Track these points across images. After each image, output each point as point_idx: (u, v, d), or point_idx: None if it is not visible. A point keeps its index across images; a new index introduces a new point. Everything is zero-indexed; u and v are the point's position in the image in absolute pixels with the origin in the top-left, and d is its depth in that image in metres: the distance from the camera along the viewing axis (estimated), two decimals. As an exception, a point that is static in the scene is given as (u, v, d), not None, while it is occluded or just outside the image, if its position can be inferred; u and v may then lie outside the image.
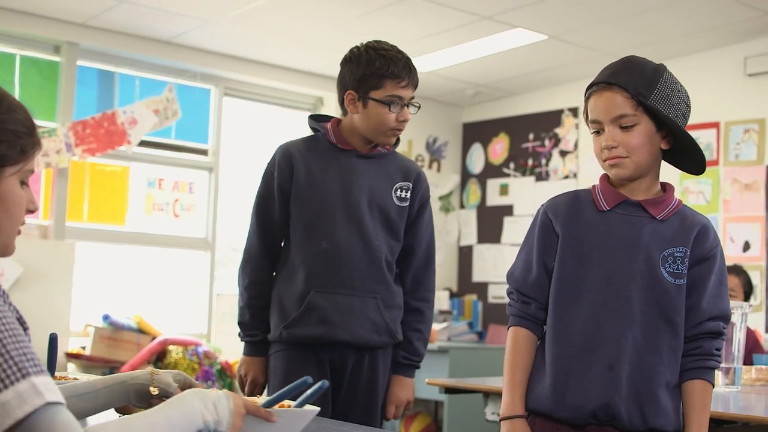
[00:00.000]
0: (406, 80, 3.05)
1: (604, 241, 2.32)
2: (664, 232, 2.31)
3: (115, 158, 6.96)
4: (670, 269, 2.27)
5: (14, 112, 1.56)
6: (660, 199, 2.36)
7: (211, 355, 6.73)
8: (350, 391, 3.06)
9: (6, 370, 1.33)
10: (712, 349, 2.29)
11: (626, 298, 2.27)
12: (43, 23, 6.49)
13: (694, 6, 5.91)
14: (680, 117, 2.33)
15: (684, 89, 2.38)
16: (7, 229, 1.58)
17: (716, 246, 2.34)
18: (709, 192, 6.86)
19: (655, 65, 2.34)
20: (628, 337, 2.25)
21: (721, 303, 2.31)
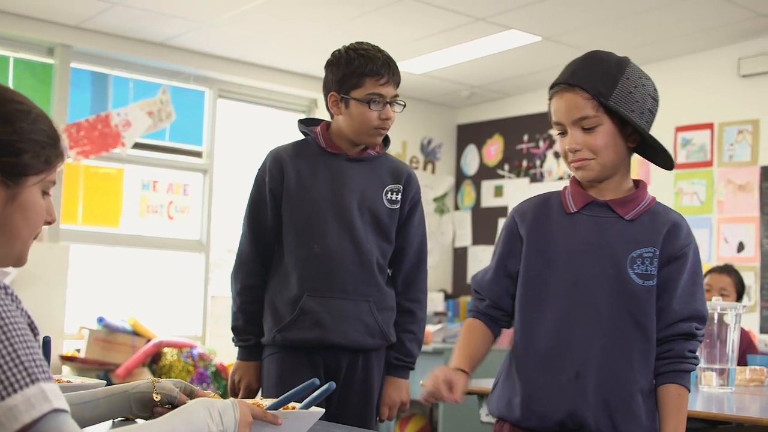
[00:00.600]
0: (385, 77, 3.02)
1: (570, 245, 2.26)
2: (632, 232, 2.24)
3: (109, 160, 6.95)
4: (639, 271, 2.20)
5: (40, 122, 1.59)
6: (629, 198, 2.29)
7: (206, 357, 6.72)
8: (344, 393, 3.06)
9: (15, 375, 1.33)
10: (685, 351, 2.20)
11: (593, 303, 2.20)
12: (36, 25, 6.48)
13: (688, 7, 5.92)
14: (646, 112, 2.25)
15: (650, 82, 2.30)
16: (23, 237, 1.59)
17: (688, 244, 2.25)
18: (704, 193, 6.87)
19: (618, 60, 2.27)
20: (596, 343, 2.18)
21: (694, 303, 2.22)
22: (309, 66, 7.47)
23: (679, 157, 7.02)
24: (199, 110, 7.50)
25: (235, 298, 3.18)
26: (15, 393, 1.32)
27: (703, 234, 6.81)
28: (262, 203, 3.13)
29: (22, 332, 1.38)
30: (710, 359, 3.61)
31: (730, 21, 6.23)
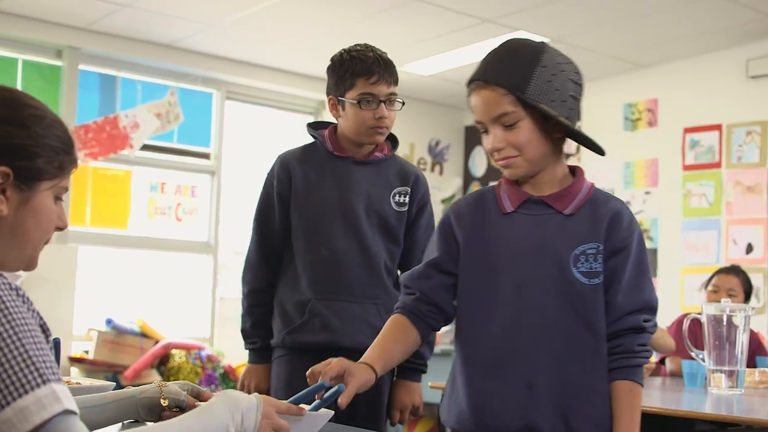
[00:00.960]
0: (376, 76, 2.99)
1: (510, 248, 2.13)
2: (573, 228, 2.11)
3: (118, 162, 6.97)
4: (583, 269, 2.08)
5: (54, 128, 1.61)
6: (566, 192, 2.15)
7: (214, 358, 6.73)
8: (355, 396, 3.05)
9: (27, 375, 1.34)
10: (634, 346, 2.09)
11: (539, 308, 2.08)
12: (45, 27, 6.50)
13: (696, 8, 5.91)
14: (568, 99, 2.09)
15: (570, 66, 2.13)
16: (35, 242, 1.61)
17: (631, 234, 2.13)
18: (712, 194, 6.85)
19: (533, 48, 2.11)
20: (546, 350, 2.07)
21: (640, 295, 2.11)
22: (316, 68, 7.46)
23: (688, 158, 7.01)
24: (207, 112, 7.51)
25: (243, 301, 3.19)
26: (26, 394, 1.33)
27: (711, 236, 6.80)
28: (270, 208, 3.14)
29: (33, 333, 1.38)
30: (719, 361, 3.60)
31: (738, 22, 6.22)
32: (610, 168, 7.52)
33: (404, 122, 8.41)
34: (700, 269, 6.74)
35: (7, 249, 1.58)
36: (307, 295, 3.03)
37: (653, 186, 7.24)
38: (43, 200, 1.59)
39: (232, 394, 1.68)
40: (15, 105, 1.57)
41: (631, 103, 7.44)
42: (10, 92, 1.59)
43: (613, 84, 7.53)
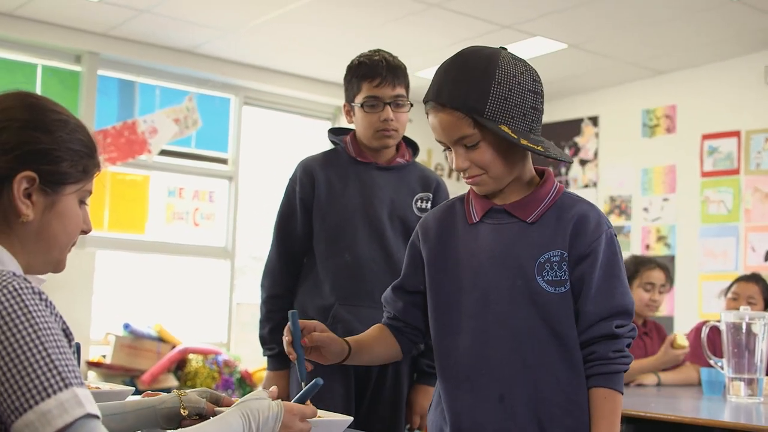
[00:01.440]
0: (379, 79, 2.99)
1: (475, 260, 2.09)
2: (536, 236, 2.05)
3: (136, 167, 6.99)
4: (548, 277, 2.02)
5: (78, 132, 1.63)
6: (529, 198, 2.09)
7: (231, 363, 6.74)
8: (374, 401, 3.05)
9: (50, 379, 1.35)
10: (609, 352, 2.02)
11: (507, 320, 2.03)
12: (64, 33, 6.53)
13: (714, 15, 5.89)
14: (528, 112, 2.01)
15: (526, 75, 2.03)
16: (61, 245, 1.64)
17: (597, 237, 2.04)
18: (731, 201, 6.82)
19: (486, 63, 2.02)
20: (516, 361, 2.03)
21: (611, 300, 2.02)
22: (334, 74, 7.48)
23: (706, 165, 6.98)
24: (225, 117, 7.53)
25: (261, 306, 3.18)
26: (48, 397, 1.34)
27: (730, 242, 6.77)
28: (292, 213, 3.13)
29: (56, 337, 1.39)
30: (738, 369, 3.58)
31: (756, 29, 6.19)
32: (628, 174, 7.50)
33: (422, 128, 8.37)
34: (718, 276, 6.71)
35: (33, 253, 1.60)
36: (330, 300, 3.02)
37: (671, 192, 7.21)
38: (68, 204, 1.61)
39: (250, 404, 1.68)
40: (38, 110, 1.59)
41: (650, 110, 7.42)
42: (33, 98, 1.61)
43: (631, 90, 7.52)
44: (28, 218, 1.55)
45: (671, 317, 7.03)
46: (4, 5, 6.12)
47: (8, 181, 1.53)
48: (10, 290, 1.40)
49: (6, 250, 1.56)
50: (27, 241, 1.58)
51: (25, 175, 1.54)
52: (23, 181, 1.54)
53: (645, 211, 7.38)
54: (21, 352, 1.35)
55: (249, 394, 1.74)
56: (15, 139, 1.54)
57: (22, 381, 1.34)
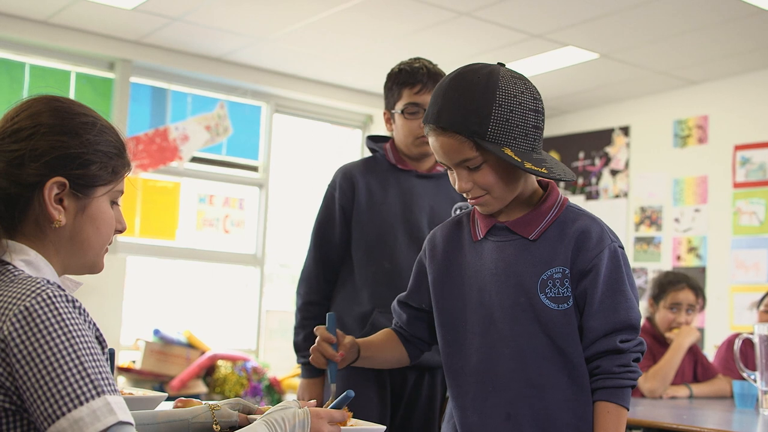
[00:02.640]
0: (419, 86, 3.00)
1: (480, 278, 2.09)
2: (538, 253, 2.05)
3: (167, 174, 7.03)
4: (551, 294, 2.02)
5: (106, 133, 1.64)
6: (531, 215, 2.08)
7: (260, 370, 6.75)
8: (408, 410, 3.04)
9: (82, 387, 1.36)
10: (613, 367, 2.01)
11: (511, 338, 2.04)
12: (97, 40, 6.59)
13: (746, 25, 5.85)
14: (530, 132, 2.00)
15: (526, 94, 2.01)
16: (96, 247, 1.64)
17: (599, 252, 2.03)
18: (763, 212, 6.77)
19: (486, 83, 1.99)
20: (522, 379, 2.03)
21: (614, 315, 2.01)
22: (365, 82, 7.50)
23: (738, 175, 6.93)
24: (256, 125, 7.56)
25: (296, 313, 3.17)
26: (81, 405, 1.34)
27: (761, 254, 6.71)
28: (330, 220, 3.10)
29: (89, 345, 1.40)
30: (770, 382, 3.55)
31: (791, 38, 6.16)
32: (659, 184, 7.46)
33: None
34: (749, 288, 6.65)
35: (69, 256, 1.61)
36: (367, 307, 3.01)
37: (703, 203, 7.16)
38: (100, 206, 1.62)
39: (276, 415, 1.67)
40: (65, 114, 1.59)
41: (681, 120, 7.38)
42: (59, 101, 1.61)
43: (662, 100, 7.48)
44: (60, 223, 1.56)
45: (702, 329, 6.98)
46: (39, 13, 6.18)
47: (39, 187, 1.54)
48: (44, 298, 1.40)
49: (41, 256, 1.56)
50: (61, 245, 1.59)
51: (55, 181, 1.54)
52: (54, 187, 1.55)
53: (676, 221, 7.33)
54: (54, 360, 1.36)
55: (276, 405, 1.74)
56: (43, 144, 1.54)
57: (55, 389, 1.35)
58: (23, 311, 1.39)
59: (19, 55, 6.48)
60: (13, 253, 1.54)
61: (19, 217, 1.56)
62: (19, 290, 1.42)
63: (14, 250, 1.55)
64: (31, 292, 1.41)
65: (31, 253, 1.55)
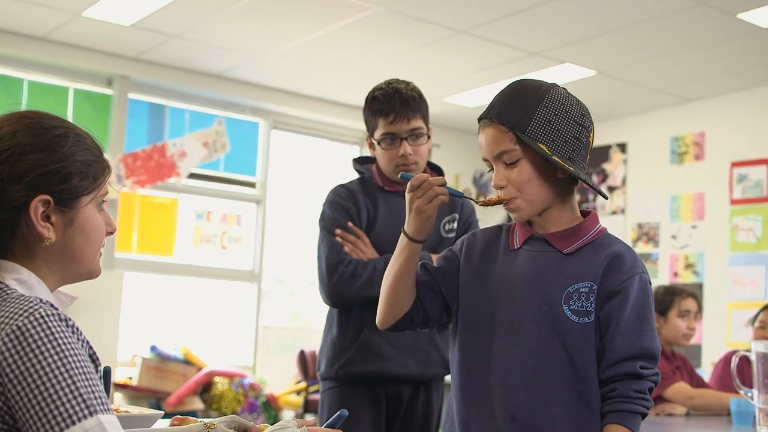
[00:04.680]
0: (392, 115, 2.98)
1: (509, 283, 2.13)
2: (569, 266, 2.09)
3: (165, 190, 7.04)
4: (574, 307, 2.05)
5: (81, 142, 1.61)
6: (570, 231, 2.12)
7: (257, 387, 6.74)
8: (405, 425, 3.04)
9: (74, 407, 1.35)
10: (630, 391, 2.02)
11: (528, 343, 2.07)
12: (96, 57, 6.60)
13: (743, 42, 5.87)
14: (570, 140, 2.07)
15: (575, 108, 2.10)
16: (89, 256, 1.63)
17: (630, 277, 2.05)
18: (760, 229, 6.78)
19: (539, 88, 2.10)
20: (532, 385, 2.06)
21: (639, 341, 2.03)
22: (362, 99, 7.48)
23: (735, 192, 6.94)
24: (254, 141, 7.57)
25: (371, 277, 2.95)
26: (73, 425, 1.34)
27: (758, 271, 6.72)
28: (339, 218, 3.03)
29: (82, 364, 1.40)
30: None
31: (787, 56, 6.18)
32: (656, 201, 7.47)
33: (450, 153, 8.45)
34: (746, 305, 6.65)
35: (63, 269, 1.60)
36: (358, 324, 3.01)
37: (700, 220, 7.17)
38: (88, 215, 1.61)
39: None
40: (38, 131, 1.57)
41: (678, 137, 7.40)
42: (29, 118, 1.59)
43: (659, 117, 7.50)
44: (50, 241, 1.55)
45: (699, 345, 6.98)
46: (37, 29, 6.19)
47: (24, 208, 1.53)
48: (37, 317, 1.40)
49: (34, 275, 1.56)
50: (53, 261, 1.58)
51: (40, 199, 1.53)
52: (39, 206, 1.53)
53: (673, 238, 7.34)
54: (46, 380, 1.36)
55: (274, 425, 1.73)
56: (21, 166, 1.53)
57: (47, 408, 1.35)
58: (15, 331, 1.39)
59: (18, 72, 6.49)
60: (5, 272, 1.54)
61: (7, 240, 1.55)
62: (11, 310, 1.42)
63: (6, 269, 1.54)
64: (24, 311, 1.41)
65: (23, 272, 1.55)
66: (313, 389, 6.74)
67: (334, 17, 5.72)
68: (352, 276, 2.95)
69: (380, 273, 2.89)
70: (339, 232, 2.98)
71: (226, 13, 5.71)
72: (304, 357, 6.90)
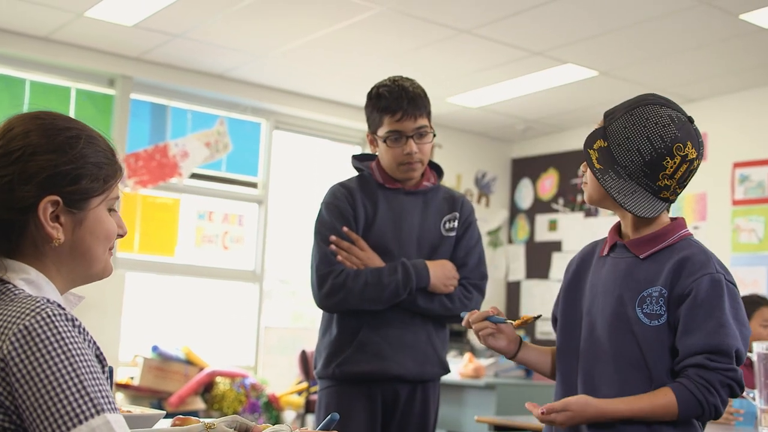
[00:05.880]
0: (400, 113, 2.98)
1: (593, 289, 2.28)
2: (644, 271, 2.20)
3: (166, 190, 7.04)
4: (647, 310, 2.15)
5: (93, 144, 1.61)
6: (649, 237, 2.24)
7: (258, 387, 6.74)
8: (402, 425, 3.04)
9: (81, 406, 1.35)
10: (695, 376, 2.09)
11: (609, 345, 2.19)
12: (98, 57, 6.60)
13: (745, 42, 5.87)
14: (633, 152, 2.19)
15: (661, 128, 2.18)
16: (100, 257, 1.63)
17: (699, 277, 2.14)
18: (762, 230, 6.77)
19: (632, 103, 2.30)
20: (611, 383, 2.19)
21: (707, 338, 2.09)
22: (364, 99, 7.48)
23: (737, 193, 6.94)
24: (256, 141, 7.57)
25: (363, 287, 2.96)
26: (80, 424, 1.34)
27: (760, 272, 6.71)
28: (333, 222, 3.04)
29: (88, 363, 1.40)
30: (770, 400, 3.54)
31: (790, 57, 6.17)
32: (659, 202, 7.46)
33: (451, 153, 8.45)
34: (749, 306, 6.64)
35: (73, 270, 1.60)
36: (356, 323, 3.01)
37: (701, 221, 7.17)
38: (98, 216, 1.61)
39: None
40: (50, 132, 1.57)
41: (680, 137, 7.38)
42: (41, 119, 1.59)
43: (661, 118, 7.48)
44: (60, 241, 1.55)
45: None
46: (40, 29, 6.20)
47: (33, 209, 1.53)
48: (44, 317, 1.40)
49: (42, 275, 1.56)
50: (62, 262, 1.58)
51: (49, 200, 1.53)
52: (48, 206, 1.53)
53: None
54: (54, 379, 1.36)
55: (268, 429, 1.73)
56: (32, 166, 1.53)
57: (55, 408, 1.35)
58: (23, 330, 1.39)
59: (20, 72, 6.49)
60: (13, 272, 1.54)
61: (16, 240, 1.55)
62: (19, 309, 1.42)
63: (14, 269, 1.54)
64: (31, 311, 1.41)
65: (31, 272, 1.55)
66: (314, 389, 6.74)
67: (337, 17, 5.72)
68: (341, 287, 2.96)
69: (371, 285, 2.92)
70: (333, 239, 2.99)
71: (229, 13, 5.72)
72: (305, 357, 6.90)
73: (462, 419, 6.22)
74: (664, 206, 2.24)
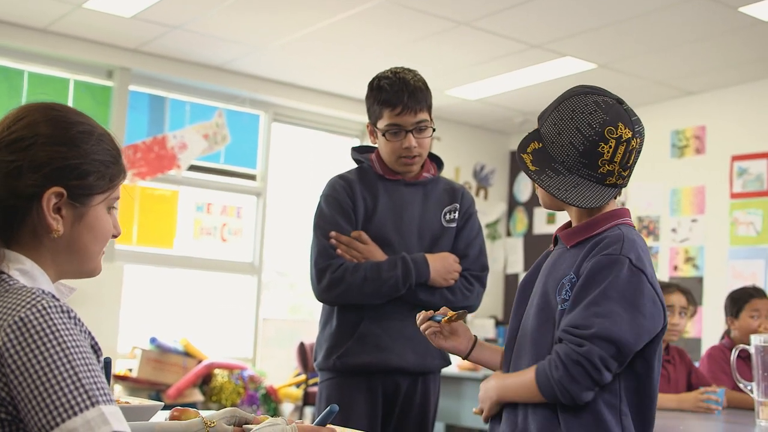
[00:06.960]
0: (400, 107, 2.97)
1: (539, 282, 2.31)
2: (567, 260, 2.21)
3: (165, 182, 7.04)
4: (562, 296, 2.16)
5: (103, 142, 1.63)
6: (579, 228, 2.23)
7: (257, 379, 6.75)
8: (402, 417, 3.04)
9: (76, 397, 1.35)
10: (554, 353, 2.10)
11: (535, 330, 2.23)
12: (96, 48, 6.60)
13: (743, 36, 5.87)
14: (566, 146, 2.15)
15: (588, 116, 2.16)
16: (93, 254, 1.65)
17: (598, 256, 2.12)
18: (760, 223, 6.78)
19: (559, 99, 2.23)
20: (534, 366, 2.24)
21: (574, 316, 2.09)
22: (363, 91, 7.44)
23: (735, 186, 6.94)
24: (254, 133, 7.57)
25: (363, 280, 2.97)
26: (75, 415, 1.34)
27: (758, 265, 6.72)
28: (342, 216, 3.04)
29: (84, 355, 1.40)
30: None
31: (788, 50, 6.17)
32: (657, 195, 7.47)
33: (450, 146, 8.45)
34: (747, 299, 6.64)
35: (66, 264, 1.61)
36: (357, 315, 3.01)
37: (700, 213, 7.17)
38: (97, 214, 1.62)
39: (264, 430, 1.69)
40: (63, 124, 1.58)
41: (679, 130, 7.39)
42: (56, 110, 1.60)
43: (660, 110, 7.49)
44: (59, 233, 1.56)
45: (699, 339, 6.98)
46: (38, 21, 6.19)
47: (37, 198, 1.54)
48: (39, 309, 1.40)
49: (37, 265, 1.57)
50: (58, 253, 1.59)
51: (53, 191, 1.54)
52: (52, 197, 1.54)
53: (673, 232, 7.34)
54: (49, 371, 1.36)
55: (264, 422, 1.74)
56: (42, 156, 1.54)
57: (50, 399, 1.35)
58: (18, 322, 1.39)
59: (18, 63, 6.49)
60: (9, 261, 1.54)
61: (16, 227, 1.56)
62: (13, 301, 1.42)
63: (10, 259, 1.55)
64: (26, 302, 1.41)
65: (27, 263, 1.56)
66: (312, 381, 6.74)
67: (335, 9, 5.71)
68: (340, 281, 2.97)
69: (370, 280, 2.92)
70: (333, 234, 2.99)
71: (227, 4, 5.71)
72: (303, 349, 6.90)
73: (460, 411, 6.24)
74: (612, 192, 2.21)
